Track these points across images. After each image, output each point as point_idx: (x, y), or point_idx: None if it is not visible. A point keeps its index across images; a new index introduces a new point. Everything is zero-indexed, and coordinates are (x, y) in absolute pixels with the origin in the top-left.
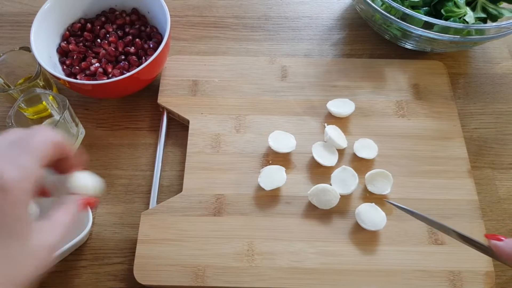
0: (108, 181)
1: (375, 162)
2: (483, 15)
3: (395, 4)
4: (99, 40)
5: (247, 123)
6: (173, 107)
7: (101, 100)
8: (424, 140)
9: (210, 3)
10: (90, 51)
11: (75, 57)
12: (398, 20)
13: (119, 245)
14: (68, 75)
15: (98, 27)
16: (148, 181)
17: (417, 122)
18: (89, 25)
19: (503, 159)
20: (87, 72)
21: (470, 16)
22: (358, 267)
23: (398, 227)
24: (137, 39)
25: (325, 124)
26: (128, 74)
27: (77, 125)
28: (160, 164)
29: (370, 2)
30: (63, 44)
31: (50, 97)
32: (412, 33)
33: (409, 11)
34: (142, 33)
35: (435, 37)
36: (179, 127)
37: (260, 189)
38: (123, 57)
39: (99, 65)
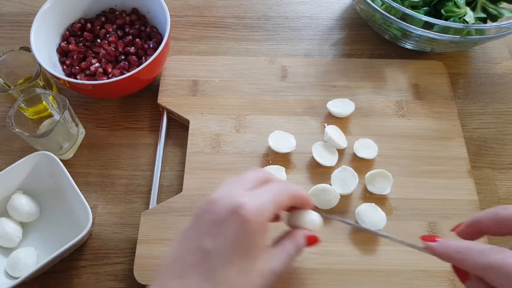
0: (108, 181)
1: (375, 162)
2: (483, 15)
3: (395, 4)
4: (99, 40)
5: (247, 123)
6: (173, 107)
7: (101, 100)
8: (424, 140)
9: (210, 3)
10: (90, 51)
11: (75, 57)
12: (398, 20)
13: (119, 245)
14: (68, 75)
15: (98, 27)
16: (148, 181)
17: (417, 122)
18: (89, 25)
19: (503, 159)
20: (87, 72)
21: (470, 16)
22: (358, 267)
23: (398, 227)
24: (137, 39)
25: (325, 124)
26: (128, 74)
27: (77, 125)
28: (160, 164)
29: (370, 2)
30: (63, 44)
31: (50, 97)
32: (412, 33)
33: (409, 11)
34: (142, 33)
35: (435, 37)
36: (179, 127)
37: None
38: (123, 57)
39: (99, 65)
